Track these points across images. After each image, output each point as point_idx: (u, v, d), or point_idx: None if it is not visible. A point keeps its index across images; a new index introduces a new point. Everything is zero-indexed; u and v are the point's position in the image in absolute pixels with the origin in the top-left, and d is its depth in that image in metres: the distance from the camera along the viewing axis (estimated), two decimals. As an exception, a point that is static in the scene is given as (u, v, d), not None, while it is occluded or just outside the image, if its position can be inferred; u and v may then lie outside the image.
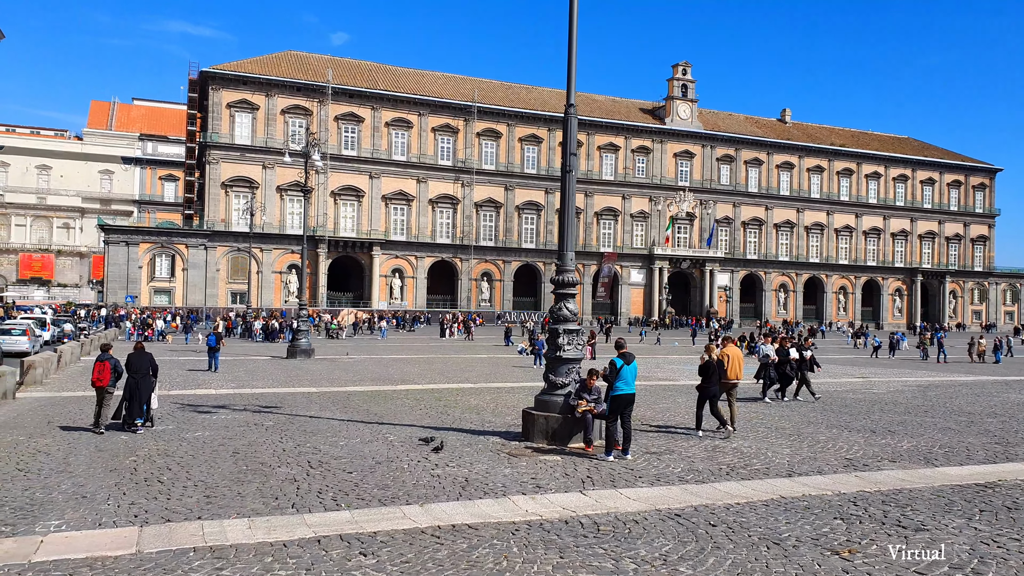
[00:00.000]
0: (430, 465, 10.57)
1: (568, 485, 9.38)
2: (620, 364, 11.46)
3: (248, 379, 23.61)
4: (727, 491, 9.17)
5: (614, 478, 9.85)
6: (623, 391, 11.39)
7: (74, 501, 8.36)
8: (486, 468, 10.39)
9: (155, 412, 14.08)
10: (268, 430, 13.62)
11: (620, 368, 11.42)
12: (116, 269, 64.51)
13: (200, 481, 9.41)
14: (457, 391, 21.05)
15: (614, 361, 11.51)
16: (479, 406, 17.69)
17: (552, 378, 12.53)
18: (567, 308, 12.75)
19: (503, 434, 13.43)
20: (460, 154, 77.89)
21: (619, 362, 11.49)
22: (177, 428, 13.70)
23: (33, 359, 21.23)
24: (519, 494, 8.83)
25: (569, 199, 12.77)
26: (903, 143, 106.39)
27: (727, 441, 13.03)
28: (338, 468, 10.31)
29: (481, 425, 14.60)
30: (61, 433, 13.08)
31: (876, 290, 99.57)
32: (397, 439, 12.76)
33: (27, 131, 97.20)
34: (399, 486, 9.25)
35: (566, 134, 12.83)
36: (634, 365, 11.58)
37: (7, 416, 15.08)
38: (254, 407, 16.93)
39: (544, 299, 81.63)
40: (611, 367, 11.47)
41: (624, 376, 11.40)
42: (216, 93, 68.39)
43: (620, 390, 11.39)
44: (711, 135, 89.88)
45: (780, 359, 19.77)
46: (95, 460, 10.68)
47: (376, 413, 16.21)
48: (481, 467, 10.45)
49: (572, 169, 12.73)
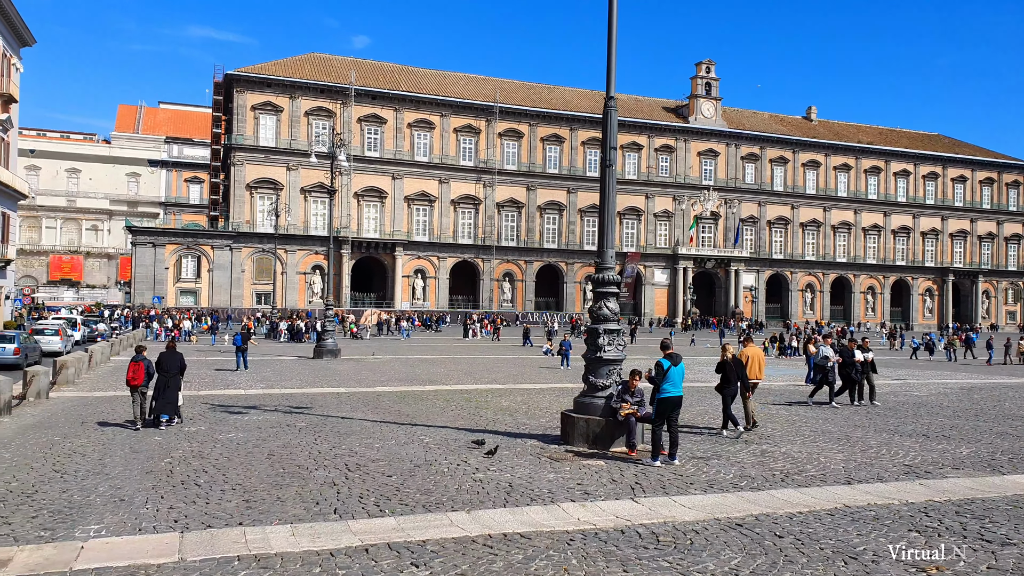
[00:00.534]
0: (470, 469, 10.25)
1: (617, 492, 9.02)
2: (667, 365, 11.07)
3: (276, 379, 23.48)
4: (786, 499, 8.75)
5: (664, 485, 9.46)
6: (670, 394, 11.01)
7: (112, 504, 8.14)
8: (529, 473, 10.05)
9: (181, 408, 14.44)
10: (301, 431, 13.39)
11: (667, 369, 11.03)
12: (143, 270, 64.99)
13: (238, 484, 9.16)
14: (486, 392, 20.76)
15: (660, 362, 11.13)
16: (511, 408, 17.38)
17: (592, 379, 12.17)
18: (607, 307, 12.37)
19: (540, 437, 13.09)
20: (482, 154, 77.66)
21: (666, 363, 11.10)
22: (210, 429, 13.50)
23: (65, 359, 21.22)
24: (568, 501, 8.49)
25: (609, 195, 12.40)
26: (933, 140, 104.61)
27: (777, 446, 12.58)
28: (377, 471, 10.03)
29: (516, 427, 14.27)
30: (95, 433, 12.93)
31: (906, 290, 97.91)
32: (433, 441, 12.47)
33: (57, 135, 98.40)
34: (441, 491, 8.94)
35: (606, 128, 12.46)
36: (681, 367, 11.19)
37: (41, 416, 14.98)
38: (285, 408, 16.75)
39: (566, 299, 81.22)
40: (657, 368, 11.09)
41: (671, 378, 11.01)
42: (240, 95, 68.69)
43: (667, 393, 11.00)
44: (735, 133, 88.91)
45: (844, 361, 18.72)
46: (131, 462, 10.48)
47: (408, 414, 15.95)
48: (523, 472, 10.12)
49: (612, 164, 12.36)
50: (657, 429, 10.95)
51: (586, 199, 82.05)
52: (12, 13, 42.69)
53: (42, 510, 7.90)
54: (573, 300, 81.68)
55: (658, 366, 11.10)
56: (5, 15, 42.40)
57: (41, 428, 13.49)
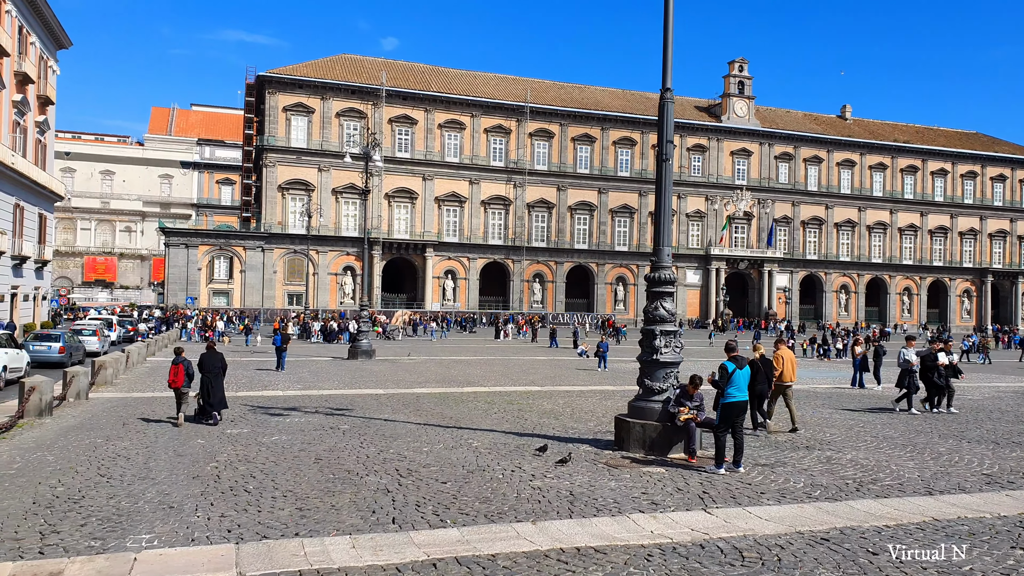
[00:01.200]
0: (526, 476, 9.83)
1: (686, 502, 8.54)
2: (732, 368, 10.55)
3: (313, 380, 23.29)
4: (867, 510, 8.21)
5: (734, 494, 8.96)
6: (736, 398, 10.49)
7: (162, 512, 7.83)
8: (588, 480, 9.60)
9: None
10: (345, 434, 13.07)
11: (732, 373, 10.52)
12: (176, 271, 65.52)
13: (288, 491, 8.82)
14: (526, 394, 20.38)
15: (725, 365, 10.61)
16: (555, 411, 16.95)
17: (648, 383, 11.68)
18: (664, 307, 11.89)
19: (592, 442, 12.64)
20: (512, 155, 77.30)
21: (731, 366, 10.59)
22: (252, 432, 13.23)
23: (104, 359, 21.17)
24: (636, 511, 8.02)
25: (666, 190, 11.90)
26: (971, 138, 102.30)
27: (842, 453, 12.00)
28: (430, 477, 9.64)
29: (564, 431, 13.83)
30: (137, 436, 12.72)
31: (943, 291, 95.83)
32: (482, 446, 12.07)
33: (91, 138, 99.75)
34: (501, 499, 8.52)
35: (662, 121, 11.98)
36: (747, 370, 10.68)
37: (82, 417, 14.83)
38: (326, 409, 16.48)
39: (597, 300, 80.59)
40: (722, 371, 10.58)
41: (737, 382, 10.50)
42: (272, 97, 69.02)
43: (733, 397, 10.49)
44: (769, 132, 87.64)
45: (927, 365, 17.63)
46: (176, 466, 10.20)
47: (451, 417, 15.59)
48: (582, 479, 9.67)
49: (669, 158, 11.87)
50: (721, 435, 10.45)
51: (617, 199, 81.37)
52: (49, 16, 43.12)
53: (90, 517, 7.61)
54: (604, 301, 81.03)
55: (723, 369, 10.60)
56: (42, 18, 42.85)
57: (83, 430, 13.32)
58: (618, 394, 20.95)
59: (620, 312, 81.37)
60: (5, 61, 37.86)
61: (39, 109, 44.22)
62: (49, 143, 47.28)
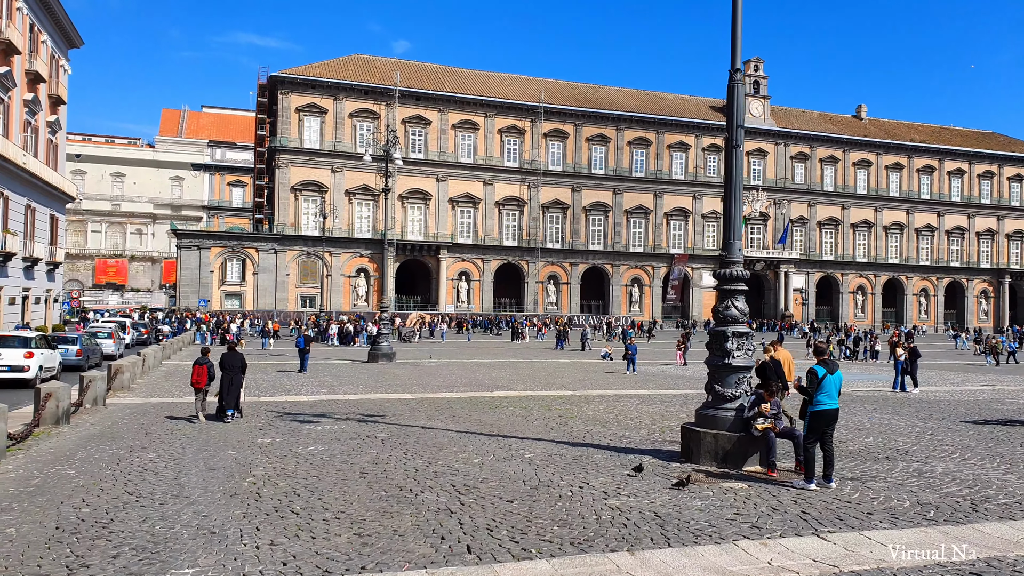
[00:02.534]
0: (597, 493, 8.88)
1: (791, 525, 7.56)
2: (822, 373, 9.56)
3: (337, 384, 22.44)
4: (1001, 535, 7.23)
5: (838, 515, 7.99)
6: (826, 406, 9.51)
7: (203, 539, 6.90)
8: (669, 499, 8.64)
9: (243, 404, 15.63)
10: (385, 444, 12.16)
11: (822, 378, 9.54)
12: (188, 273, 64.79)
13: (340, 512, 7.89)
14: (561, 399, 19.46)
15: (815, 369, 9.63)
16: (597, 417, 16.00)
17: (719, 389, 10.71)
18: (735, 307, 10.92)
19: (653, 452, 11.67)
20: (526, 155, 76.39)
21: (821, 370, 9.60)
22: (285, 441, 12.32)
23: (120, 363, 20.32)
24: (740, 537, 7.07)
25: (736, 179, 10.95)
26: (988, 138, 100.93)
27: (929, 465, 11.00)
28: (492, 495, 8.70)
29: (617, 440, 12.86)
30: (162, 446, 11.82)
31: (960, 292, 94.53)
32: (536, 457, 11.12)
33: (102, 140, 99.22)
34: (581, 522, 7.57)
35: (732, 105, 11.03)
36: (838, 375, 9.68)
37: (102, 425, 13.96)
38: (357, 416, 15.59)
39: (612, 302, 79.59)
40: (811, 376, 9.59)
41: (827, 388, 9.52)
42: (285, 97, 68.29)
43: (823, 405, 9.50)
44: (784, 132, 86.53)
45: None
46: (210, 482, 9.28)
47: (490, 424, 14.66)
48: (661, 497, 8.71)
49: (739, 144, 10.93)
50: (810, 447, 9.48)
51: (632, 200, 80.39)
52: (60, 13, 42.45)
53: (123, 546, 6.69)
54: (619, 303, 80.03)
55: (811, 374, 9.61)
56: (53, 16, 42.18)
57: (103, 439, 12.44)
58: (656, 399, 20.03)
59: (636, 314, 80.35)
60: (16, 59, 37.17)
61: (50, 109, 43.55)
62: (61, 143, 46.61)
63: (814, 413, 9.51)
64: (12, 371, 20.79)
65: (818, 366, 9.64)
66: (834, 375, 9.59)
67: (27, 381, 20.78)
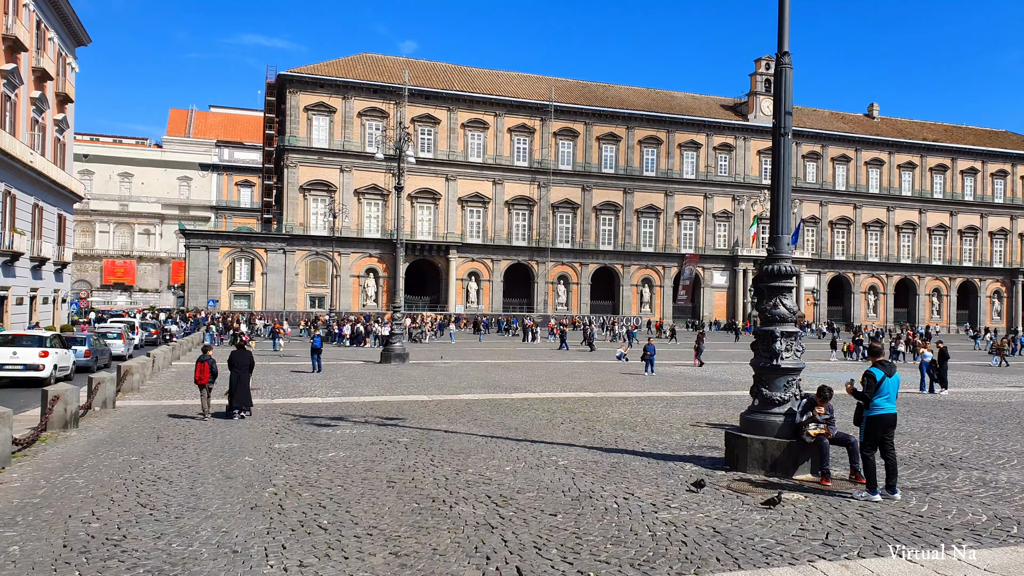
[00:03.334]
0: (645, 505, 8.23)
1: (867, 543, 6.90)
2: (880, 376, 8.91)
3: (351, 386, 21.87)
4: (1100, 555, 6.58)
5: (914, 531, 7.33)
6: (885, 410, 8.85)
7: (225, 559, 6.29)
8: (724, 512, 7.99)
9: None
10: (409, 449, 11.55)
11: (880, 381, 8.88)
12: (197, 273, 64.33)
13: (372, 527, 7.27)
14: (583, 401, 18.86)
15: (872, 372, 8.97)
16: (625, 421, 15.36)
17: (767, 393, 10.05)
18: (784, 304, 10.25)
19: (693, 459, 11.03)
20: (536, 154, 75.74)
21: (878, 373, 8.94)
22: (304, 447, 11.72)
23: (130, 364, 19.78)
24: (816, 558, 6.42)
25: (784, 168, 10.29)
26: (1001, 137, 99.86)
27: (991, 473, 10.33)
28: (531, 507, 8.07)
29: (652, 446, 12.22)
30: (175, 452, 11.23)
31: (973, 292, 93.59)
32: (571, 465, 10.49)
33: (110, 140, 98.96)
34: (635, 540, 6.93)
35: (779, 89, 10.35)
36: (896, 378, 9.03)
37: (111, 429, 13.38)
38: (375, 419, 15.00)
39: (622, 302, 78.90)
40: (869, 380, 8.93)
41: (885, 391, 8.88)
42: (293, 96, 67.80)
43: (881, 409, 8.85)
44: (796, 131, 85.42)
45: None
46: (228, 492, 8.67)
47: (515, 428, 14.04)
48: (715, 510, 8.06)
49: (788, 132, 10.25)
50: (869, 455, 8.82)
51: (642, 199, 79.69)
52: (67, 10, 41.99)
53: (137, 567, 6.07)
54: (629, 303, 79.33)
55: (868, 376, 8.96)
56: (60, 13, 41.73)
57: (113, 444, 11.86)
58: (680, 401, 19.40)
59: (646, 314, 79.66)
60: (23, 56, 36.71)
61: (58, 107, 43.10)
62: (68, 142, 46.17)
63: (871, 418, 8.86)
64: (27, 370, 20.79)
65: (875, 368, 8.98)
66: (892, 378, 8.94)
67: (42, 380, 20.66)
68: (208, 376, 15.19)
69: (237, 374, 15.18)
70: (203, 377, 15.18)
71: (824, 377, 27.53)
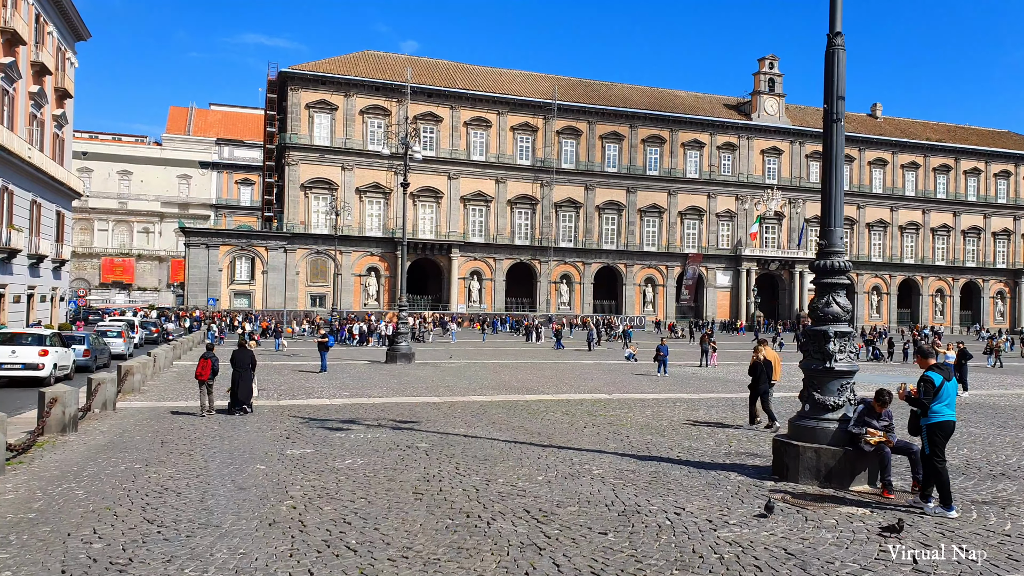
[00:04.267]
0: (701, 522, 7.51)
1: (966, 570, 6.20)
2: (939, 380, 8.23)
3: (359, 387, 21.20)
4: None
5: (1008, 552, 6.63)
6: (947, 416, 8.17)
7: (245, 586, 5.58)
8: (791, 530, 7.28)
9: (255, 399, 16.04)
10: (430, 456, 10.84)
11: (940, 386, 8.21)
12: (197, 272, 63.54)
13: (405, 547, 6.55)
14: (600, 403, 18.20)
15: (930, 377, 8.28)
16: (650, 425, 14.66)
17: (819, 397, 9.35)
18: (837, 302, 9.56)
19: (735, 468, 10.32)
20: (539, 153, 75.01)
21: (937, 378, 8.25)
22: (318, 453, 11.01)
23: (130, 364, 19.07)
24: (912, 586, 5.73)
25: (837, 158, 9.60)
26: (1004, 137, 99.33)
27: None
28: (576, 523, 7.36)
29: (686, 453, 11.50)
30: (181, 458, 10.52)
31: (976, 293, 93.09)
32: (606, 473, 9.78)
33: (109, 138, 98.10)
34: (701, 564, 6.23)
35: (831, 72, 9.65)
36: (954, 382, 8.34)
37: (113, 433, 12.66)
38: (389, 422, 14.30)
39: (625, 302, 78.22)
40: (926, 385, 8.25)
41: (945, 396, 8.19)
42: (295, 94, 67.02)
43: (943, 415, 8.16)
44: (800, 131, 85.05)
45: None
46: (242, 505, 7.95)
47: (537, 432, 13.34)
48: (780, 527, 7.35)
49: (840, 118, 9.56)
50: (941, 464, 8.11)
51: (646, 199, 79.03)
52: (67, 4, 41.21)
53: (148, 596, 5.38)
54: (632, 303, 78.65)
55: (927, 382, 8.26)
56: (60, 6, 40.95)
57: (115, 450, 11.14)
58: (701, 404, 18.72)
59: (649, 314, 79.03)
60: (21, 50, 35.94)
61: (56, 102, 42.33)
62: (67, 138, 45.39)
63: (932, 426, 8.16)
64: (26, 369, 20.22)
65: (933, 372, 8.28)
66: (950, 382, 8.25)
67: (41, 380, 20.09)
68: (209, 372, 15.27)
69: (239, 372, 15.37)
70: (204, 373, 15.27)
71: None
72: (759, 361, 14.68)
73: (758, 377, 14.47)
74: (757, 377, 14.50)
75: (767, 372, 14.59)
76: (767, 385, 14.51)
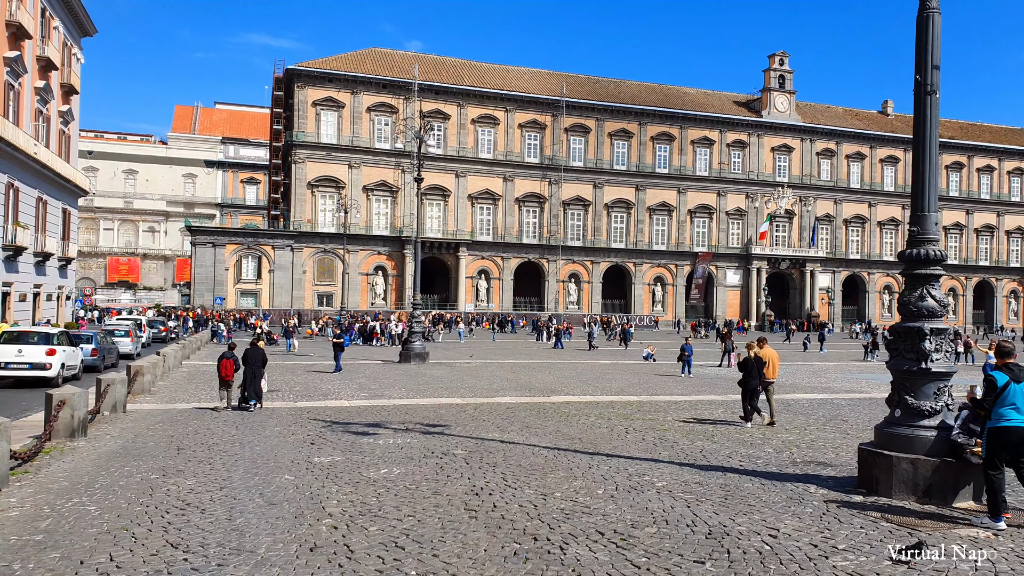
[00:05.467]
0: (802, 545, 6.57)
1: None
2: (1003, 380, 7.28)
3: (376, 387, 20.33)
4: None
5: None
6: (1012, 422, 7.21)
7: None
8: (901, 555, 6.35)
9: (266, 395, 16.20)
10: (471, 465, 9.93)
11: (1004, 387, 7.25)
12: (203, 271, 62.69)
13: None
14: (631, 406, 17.32)
15: (993, 376, 7.34)
16: (696, 430, 13.77)
17: (913, 402, 8.39)
18: (932, 296, 8.61)
19: (811, 479, 9.37)
20: (547, 151, 74.06)
21: (1002, 377, 7.31)
22: (348, 461, 10.09)
23: (140, 364, 18.20)
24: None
25: (930, 134, 8.64)
26: (1017, 134, 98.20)
27: None
28: (663, 549, 6.42)
29: (750, 462, 10.55)
30: (201, 467, 9.60)
31: (989, 291, 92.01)
32: (672, 487, 8.83)
33: (114, 137, 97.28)
34: (823, 598, 5.31)
35: (925, 40, 8.71)
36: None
37: (124, 439, 11.75)
38: (416, 426, 13.40)
39: (634, 301, 77.30)
40: (989, 385, 7.32)
41: (1011, 399, 7.24)
42: (302, 91, 66.14)
43: (1007, 420, 7.21)
44: (810, 128, 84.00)
45: None
46: (276, 526, 7.01)
47: (577, 438, 12.42)
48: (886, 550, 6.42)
49: (935, 90, 8.62)
50: (995, 475, 7.18)
51: (655, 197, 78.07)
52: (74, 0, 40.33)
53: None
54: (641, 302, 77.69)
55: (989, 382, 7.33)
56: (66, 2, 40.07)
57: (128, 457, 10.23)
58: (737, 405, 17.75)
59: (659, 313, 78.07)
60: (27, 44, 35.05)
61: (63, 98, 41.47)
62: (73, 134, 44.53)
63: (994, 431, 7.23)
64: (33, 369, 19.44)
65: (998, 371, 7.34)
66: (1021, 384, 7.30)
67: (49, 380, 19.31)
68: (233, 372, 15.48)
69: (252, 370, 15.58)
70: (229, 374, 15.42)
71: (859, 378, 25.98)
72: (750, 358, 14.87)
73: (749, 373, 14.61)
74: (748, 373, 14.63)
75: (758, 368, 14.78)
76: (756, 382, 14.61)
